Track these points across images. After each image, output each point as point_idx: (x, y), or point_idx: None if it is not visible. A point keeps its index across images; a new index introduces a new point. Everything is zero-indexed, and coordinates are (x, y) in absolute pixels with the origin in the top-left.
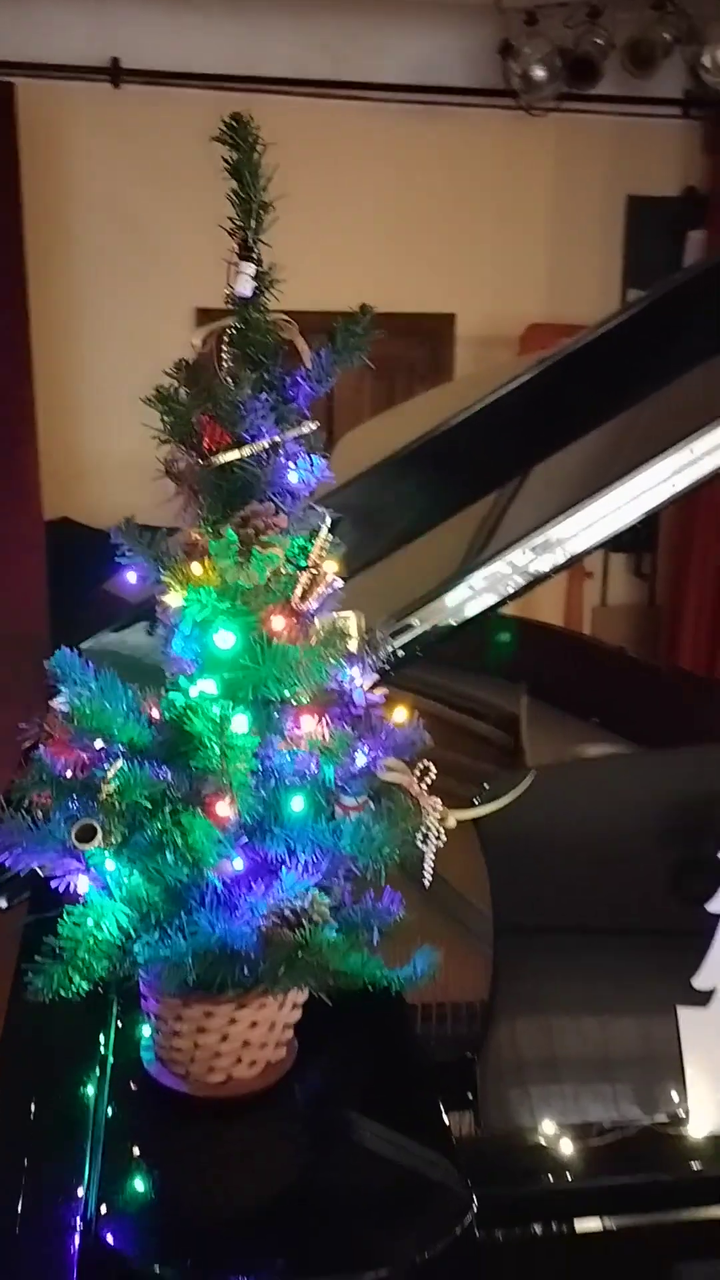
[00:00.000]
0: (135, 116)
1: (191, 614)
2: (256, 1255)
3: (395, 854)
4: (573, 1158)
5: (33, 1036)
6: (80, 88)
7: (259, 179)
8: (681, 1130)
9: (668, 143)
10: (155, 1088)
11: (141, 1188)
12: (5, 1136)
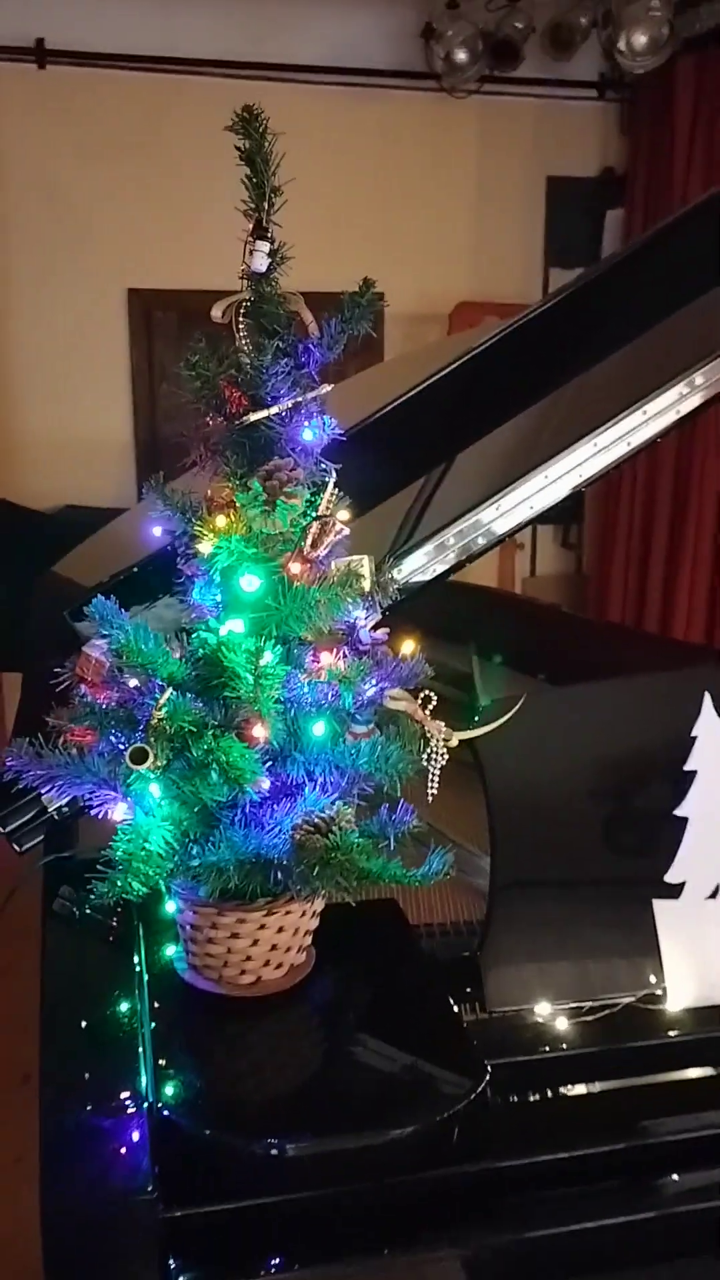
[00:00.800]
0: (61, 97)
1: (221, 560)
2: (293, 1120)
3: (408, 769)
4: (568, 1030)
5: (71, 965)
6: (6, 69)
7: (269, 165)
8: (660, 1005)
9: (586, 125)
10: (191, 993)
11: (190, 1072)
12: (63, 1050)
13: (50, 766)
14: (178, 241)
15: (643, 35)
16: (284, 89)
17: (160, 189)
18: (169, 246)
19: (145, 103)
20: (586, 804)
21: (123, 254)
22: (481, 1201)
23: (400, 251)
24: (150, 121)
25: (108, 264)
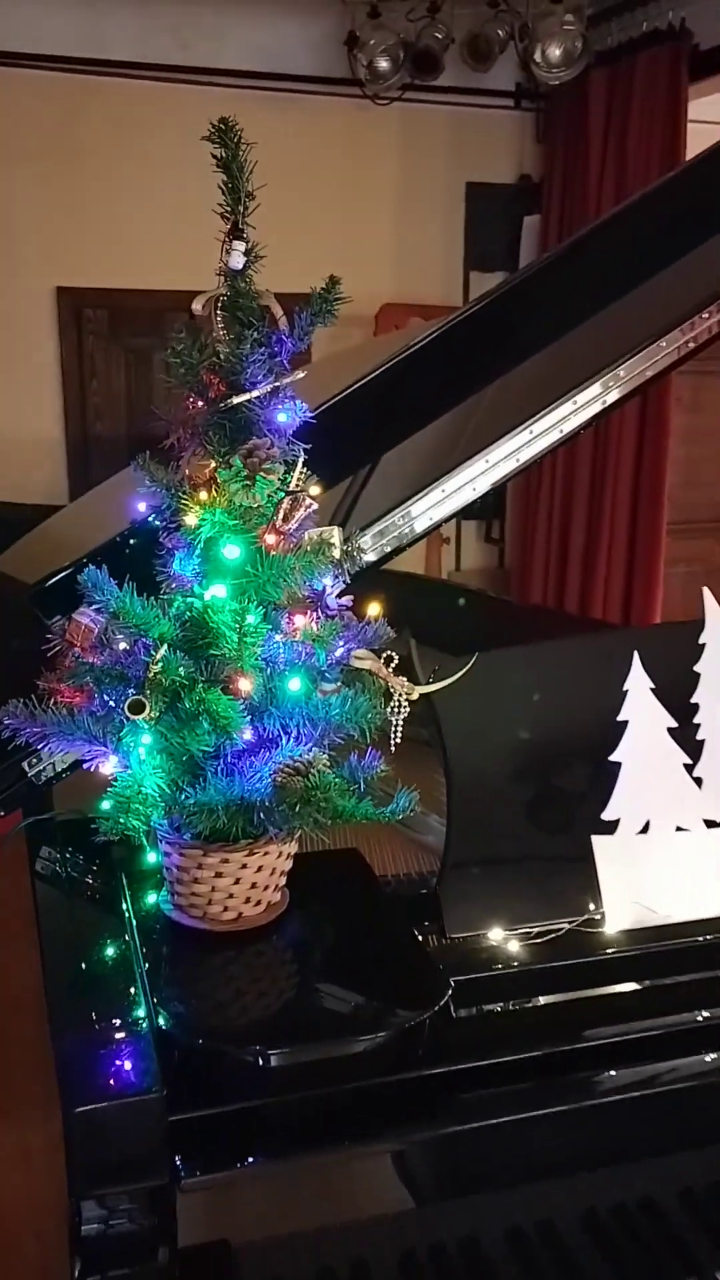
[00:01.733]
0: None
1: (205, 531)
2: (278, 1032)
3: (376, 720)
4: (518, 951)
5: (64, 916)
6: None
7: (244, 173)
8: (599, 928)
9: (503, 133)
10: (177, 930)
11: (183, 996)
12: (67, 987)
13: (44, 725)
14: (105, 240)
15: (557, 48)
16: (209, 93)
17: (86, 189)
18: (97, 245)
19: (70, 104)
20: (532, 752)
21: (49, 253)
22: (446, 1096)
23: (325, 254)
24: (76, 123)
25: (34, 263)
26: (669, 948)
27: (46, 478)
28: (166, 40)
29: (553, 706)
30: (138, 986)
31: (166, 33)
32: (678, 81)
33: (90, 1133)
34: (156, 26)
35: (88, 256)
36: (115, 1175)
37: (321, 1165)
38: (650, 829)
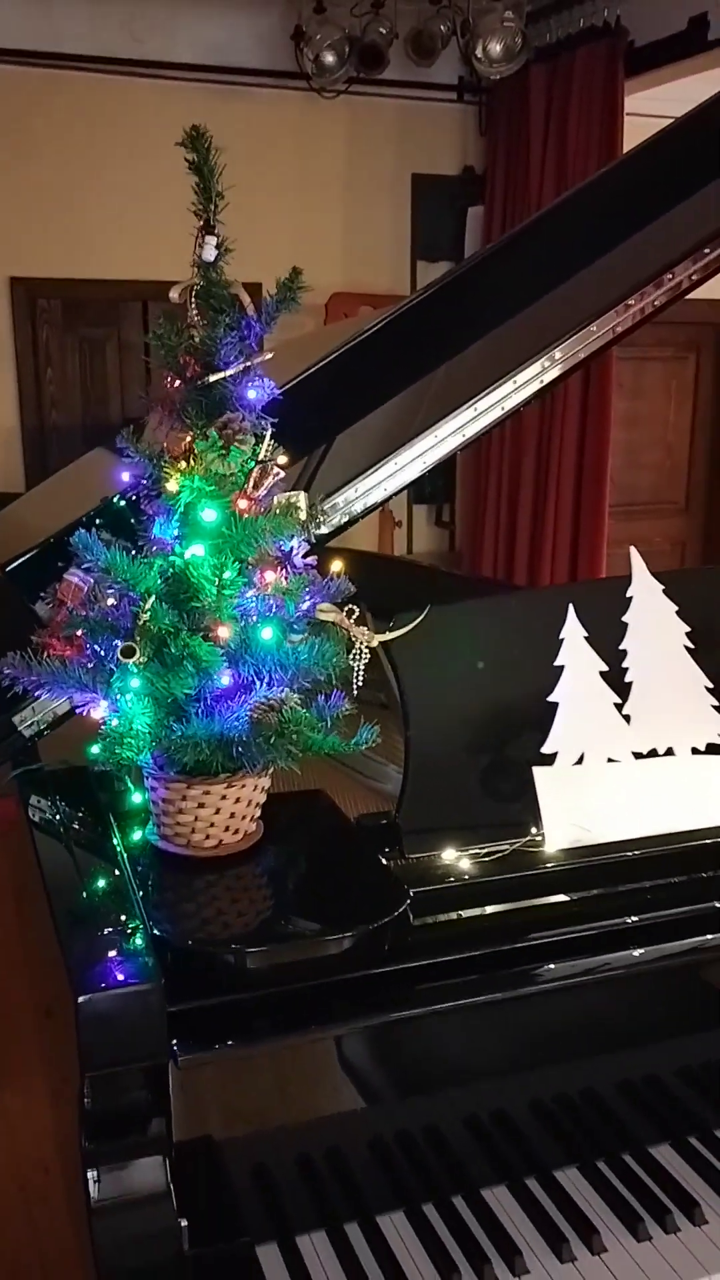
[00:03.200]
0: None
1: (184, 496)
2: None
3: (340, 665)
4: (469, 867)
5: (63, 853)
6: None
7: (215, 174)
8: (540, 848)
9: (447, 126)
10: (164, 857)
11: (173, 909)
12: (72, 909)
13: (39, 675)
14: (59, 231)
15: (498, 44)
16: (159, 86)
17: (39, 181)
18: (50, 237)
19: (24, 96)
20: (479, 694)
21: (3, 244)
22: (406, 987)
23: (276, 244)
24: (27, 115)
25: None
26: (601, 862)
27: (3, 466)
28: (118, 34)
29: (497, 653)
30: (133, 904)
31: (118, 26)
32: (614, 76)
33: (97, 1019)
34: (108, 20)
35: (42, 247)
36: (119, 1056)
37: (297, 1048)
38: (584, 761)
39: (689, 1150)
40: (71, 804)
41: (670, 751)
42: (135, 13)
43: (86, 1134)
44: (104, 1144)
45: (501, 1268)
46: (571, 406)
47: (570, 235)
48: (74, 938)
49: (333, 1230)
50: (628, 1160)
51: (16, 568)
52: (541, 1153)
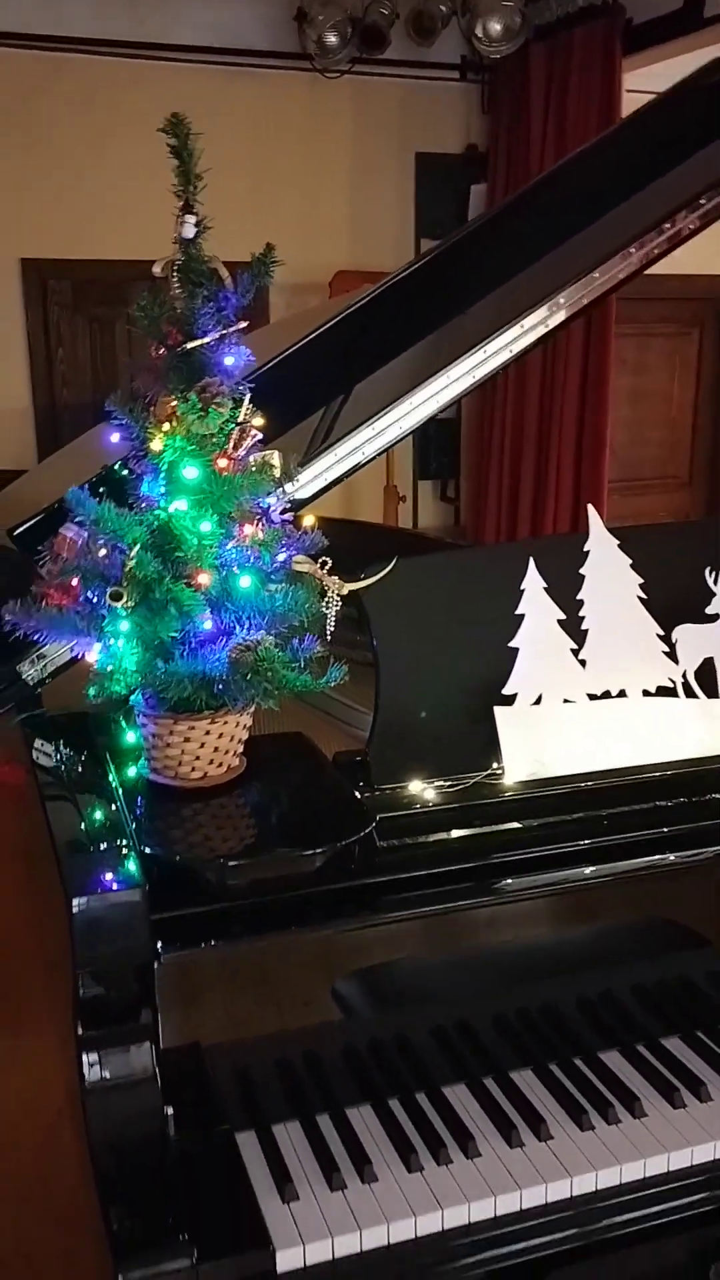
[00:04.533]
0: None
1: (168, 455)
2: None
3: (315, 609)
4: (433, 797)
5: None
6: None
7: (193, 159)
8: (499, 780)
9: (450, 104)
10: (155, 789)
11: (161, 832)
12: (73, 836)
13: (39, 621)
14: (68, 213)
15: (497, 23)
16: (165, 68)
17: (48, 163)
18: (59, 218)
19: (31, 80)
20: (445, 639)
21: (13, 226)
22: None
23: (280, 223)
24: (37, 99)
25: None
26: (556, 793)
27: (16, 444)
28: (123, 17)
29: (462, 602)
30: (124, 827)
31: (123, 10)
32: (612, 55)
33: (87, 920)
34: (112, 4)
35: (51, 229)
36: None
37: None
38: (542, 701)
39: (635, 1056)
40: (71, 744)
41: (623, 693)
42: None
43: (81, 1022)
44: (96, 1031)
45: (455, 1150)
46: (571, 385)
47: (574, 192)
48: (70, 855)
49: (305, 1120)
50: (578, 1064)
51: (23, 531)
52: (498, 1056)
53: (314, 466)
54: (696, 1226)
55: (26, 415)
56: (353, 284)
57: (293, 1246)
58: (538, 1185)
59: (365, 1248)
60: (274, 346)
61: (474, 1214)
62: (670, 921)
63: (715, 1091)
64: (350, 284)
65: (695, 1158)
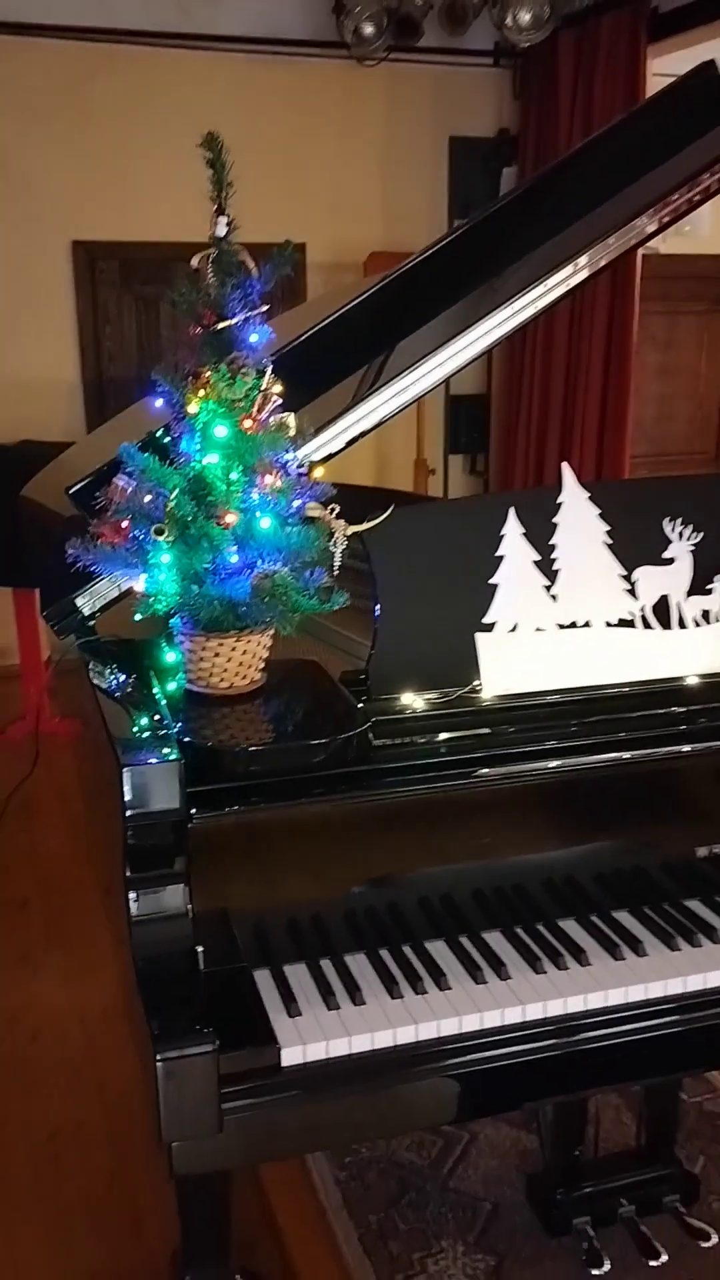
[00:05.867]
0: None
1: (202, 416)
2: (259, 739)
3: (322, 547)
4: (421, 705)
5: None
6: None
7: (225, 169)
8: (478, 694)
9: (482, 90)
10: (191, 696)
11: (199, 729)
12: (125, 735)
13: (96, 555)
14: (115, 197)
15: (527, 13)
16: (209, 57)
17: (98, 149)
18: (108, 202)
19: (81, 70)
20: (436, 574)
21: (65, 209)
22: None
23: (317, 206)
24: (86, 87)
25: (52, 219)
26: (527, 705)
27: (65, 417)
28: (170, 9)
29: (450, 544)
30: (169, 723)
31: (170, 2)
32: (637, 42)
33: (135, 781)
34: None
35: (100, 212)
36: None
37: (280, 823)
38: (517, 629)
39: (588, 923)
40: (120, 664)
41: (588, 624)
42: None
43: (129, 867)
44: (141, 874)
45: (430, 984)
46: (595, 364)
47: (590, 171)
48: (122, 737)
49: (310, 963)
50: (539, 928)
51: (79, 489)
52: (472, 920)
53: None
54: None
55: (76, 389)
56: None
57: (294, 1045)
58: (495, 1010)
59: (353, 1051)
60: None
61: (442, 1030)
62: (623, 814)
63: (650, 949)
64: (385, 264)
65: (629, 996)
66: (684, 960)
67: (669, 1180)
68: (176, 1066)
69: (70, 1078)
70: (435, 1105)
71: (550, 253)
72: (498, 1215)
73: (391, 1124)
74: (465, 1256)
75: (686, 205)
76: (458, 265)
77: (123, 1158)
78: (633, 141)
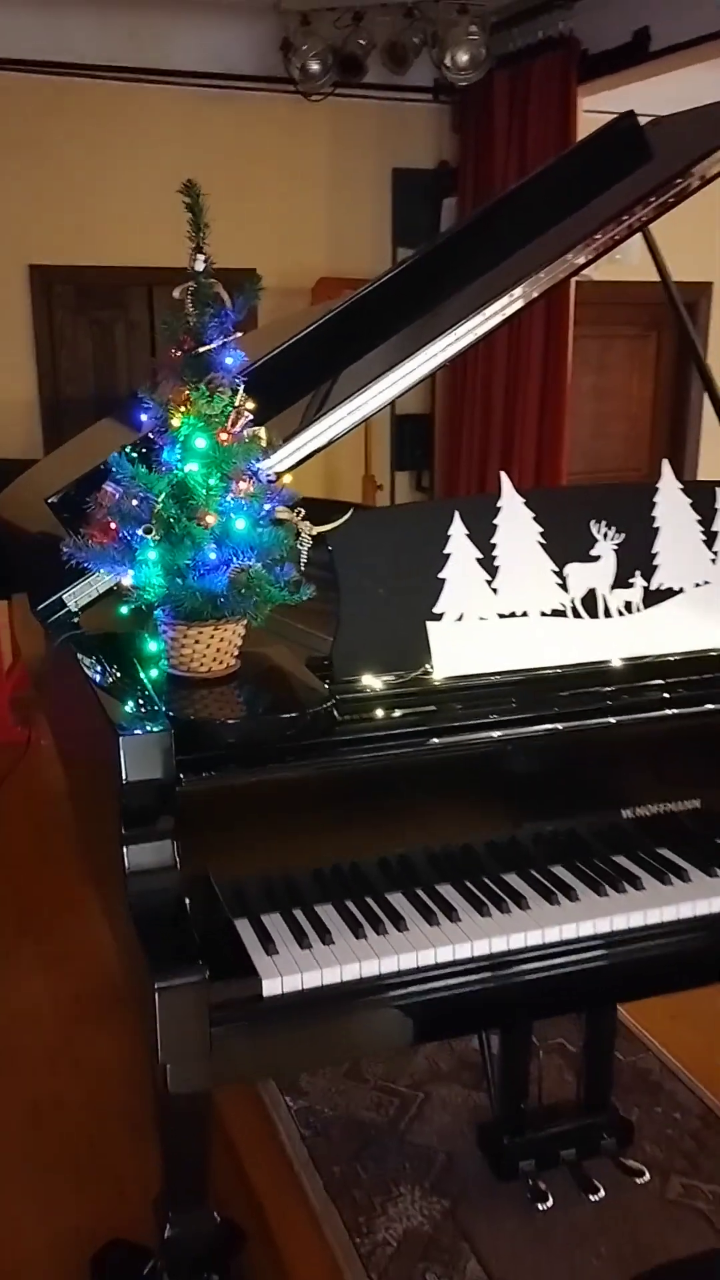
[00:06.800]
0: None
1: (184, 429)
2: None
3: (290, 545)
4: (379, 686)
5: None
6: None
7: (203, 213)
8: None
9: (423, 124)
10: (173, 679)
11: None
12: (119, 709)
13: (88, 553)
14: (72, 223)
15: (464, 54)
16: (161, 91)
17: (55, 177)
18: (64, 227)
19: (40, 102)
20: (391, 570)
21: (22, 235)
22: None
23: (267, 234)
24: (43, 118)
25: (9, 243)
26: (471, 684)
27: (23, 435)
28: (124, 44)
29: (404, 543)
30: (154, 700)
31: (123, 37)
32: (568, 82)
33: (130, 750)
34: (114, 31)
35: (57, 237)
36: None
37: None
38: (463, 618)
39: (529, 876)
40: (107, 654)
41: (525, 613)
42: (139, 24)
43: (124, 825)
44: (134, 831)
45: (390, 926)
46: (532, 385)
47: (519, 214)
48: (117, 714)
49: (285, 913)
50: (485, 880)
51: (56, 501)
52: (427, 875)
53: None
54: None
55: (33, 408)
56: (334, 290)
57: (273, 978)
58: (447, 946)
59: (324, 983)
60: (262, 347)
61: (401, 964)
62: (558, 780)
63: (581, 895)
64: (332, 290)
65: (564, 934)
66: (610, 904)
67: (606, 1126)
68: (171, 993)
69: (47, 1058)
70: (396, 1029)
71: (486, 286)
72: (451, 1164)
73: (358, 1046)
74: (422, 1200)
75: (612, 241)
76: (401, 297)
77: (101, 1126)
78: (561, 183)
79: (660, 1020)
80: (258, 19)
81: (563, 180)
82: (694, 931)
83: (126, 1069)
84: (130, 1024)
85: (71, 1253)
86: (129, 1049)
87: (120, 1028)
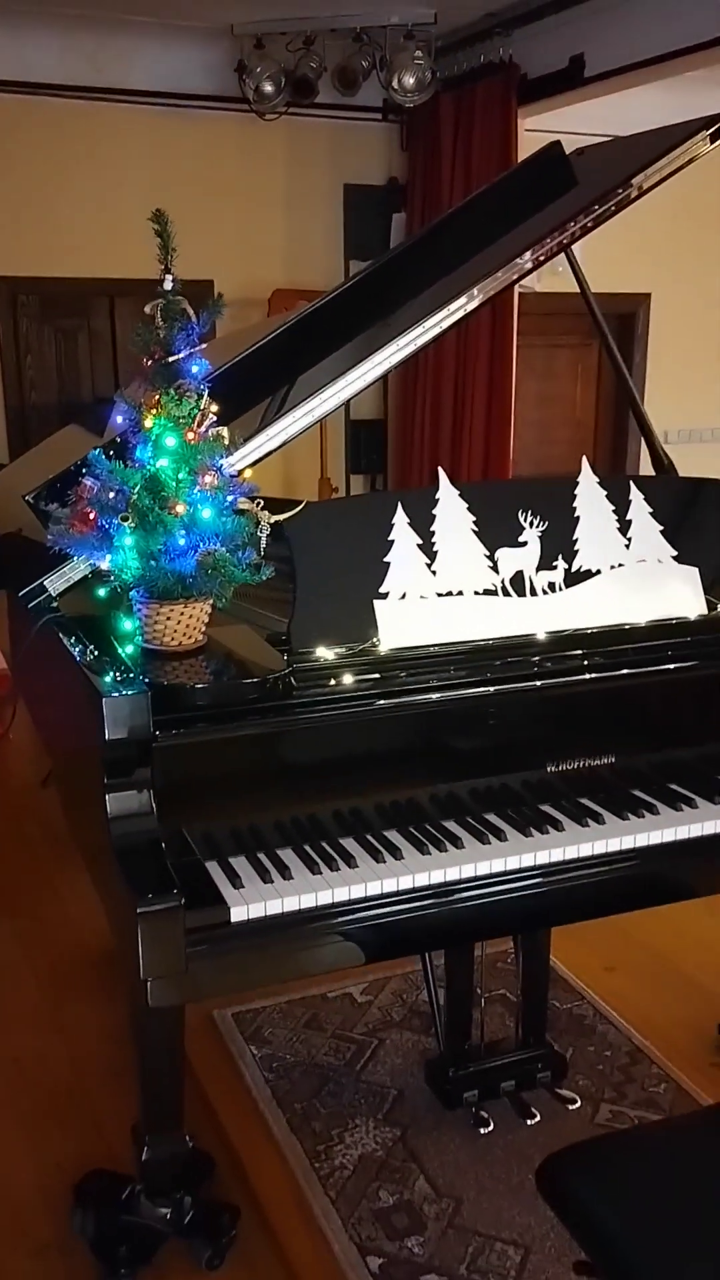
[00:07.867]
0: None
1: (155, 429)
2: (196, 679)
3: (250, 531)
4: (331, 657)
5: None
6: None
7: (170, 239)
8: (378, 647)
9: (373, 142)
10: (147, 653)
11: (154, 671)
12: (101, 676)
13: (70, 540)
14: (37, 235)
15: (410, 77)
16: (121, 109)
17: (18, 192)
18: (29, 240)
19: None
20: (343, 555)
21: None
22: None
23: (224, 247)
24: (6, 135)
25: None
26: (412, 655)
27: None
28: (84, 65)
29: (353, 530)
30: (134, 670)
31: (84, 59)
32: (509, 104)
33: (112, 710)
34: (75, 53)
35: (22, 249)
36: (123, 731)
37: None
38: (406, 597)
39: (465, 823)
40: (86, 633)
41: (461, 593)
42: (99, 46)
43: (106, 776)
44: (115, 780)
45: (341, 864)
46: (479, 393)
47: (459, 234)
48: (100, 680)
49: (249, 855)
50: (427, 826)
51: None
52: (375, 822)
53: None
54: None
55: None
56: (289, 300)
57: (240, 906)
58: (392, 879)
59: (284, 910)
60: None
61: (352, 894)
62: (489, 738)
63: (511, 836)
64: (287, 300)
65: (493, 868)
66: (534, 843)
67: (542, 1059)
68: (151, 916)
69: (28, 1018)
70: (349, 951)
71: (429, 299)
72: (402, 1098)
73: (317, 965)
74: (376, 1130)
75: (544, 255)
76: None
77: (81, 1078)
78: (495, 207)
79: (596, 972)
80: (213, 42)
81: (498, 202)
82: (607, 865)
83: (106, 1029)
84: (107, 988)
85: (55, 1182)
86: (108, 1012)
87: (100, 995)
